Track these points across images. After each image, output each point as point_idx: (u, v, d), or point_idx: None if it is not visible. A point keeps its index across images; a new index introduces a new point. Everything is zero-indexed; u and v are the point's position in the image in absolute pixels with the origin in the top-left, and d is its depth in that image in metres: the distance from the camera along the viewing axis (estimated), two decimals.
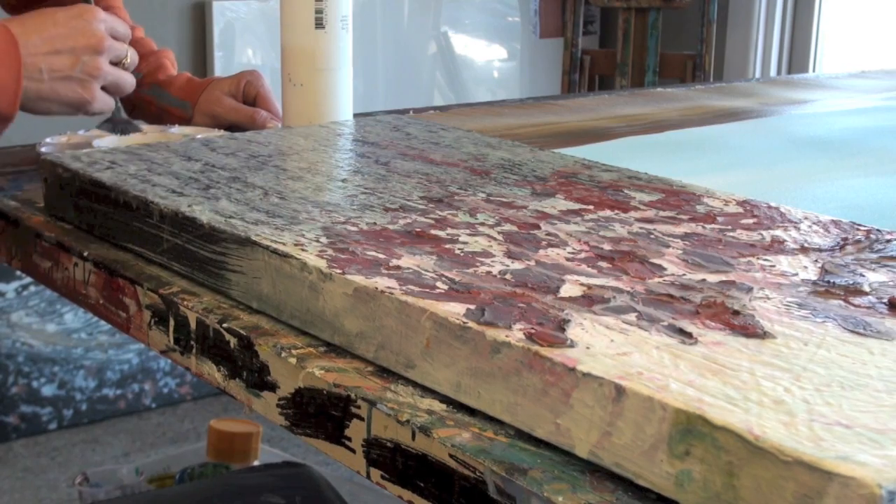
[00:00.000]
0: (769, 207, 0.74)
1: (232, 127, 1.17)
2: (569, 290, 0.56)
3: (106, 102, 1.03)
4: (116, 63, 1.02)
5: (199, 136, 1.00)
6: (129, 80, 1.04)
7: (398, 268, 0.59)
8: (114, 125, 1.09)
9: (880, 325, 0.52)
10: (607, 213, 0.71)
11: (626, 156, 1.01)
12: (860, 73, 1.77)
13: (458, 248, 0.62)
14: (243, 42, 2.77)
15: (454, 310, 0.52)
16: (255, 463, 1.76)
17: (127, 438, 2.43)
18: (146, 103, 1.24)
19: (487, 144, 0.92)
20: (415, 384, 0.54)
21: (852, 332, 0.51)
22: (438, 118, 1.26)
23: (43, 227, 0.81)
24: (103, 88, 1.01)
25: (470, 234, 0.65)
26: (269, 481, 1.24)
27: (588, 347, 0.48)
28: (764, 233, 0.68)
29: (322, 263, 0.59)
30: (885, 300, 0.56)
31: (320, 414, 0.55)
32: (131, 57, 1.04)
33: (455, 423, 0.50)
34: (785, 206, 0.75)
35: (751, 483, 0.40)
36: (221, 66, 2.69)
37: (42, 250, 0.80)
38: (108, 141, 1.06)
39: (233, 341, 0.61)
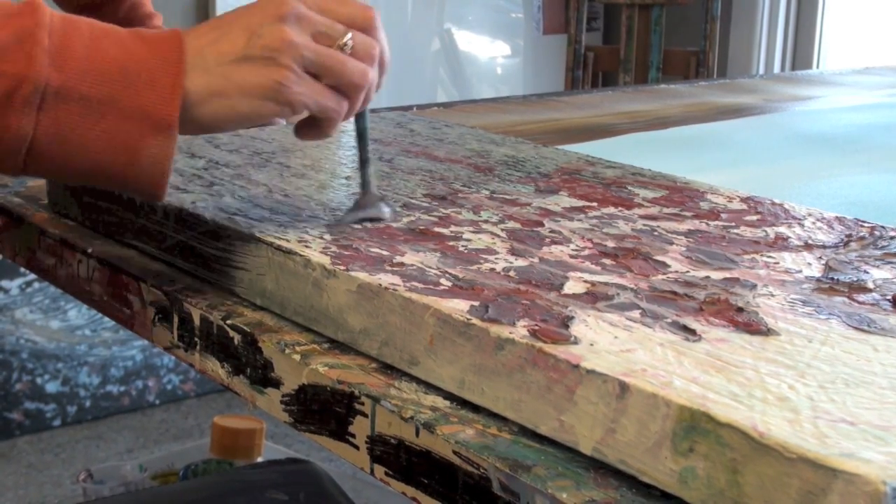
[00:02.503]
0: (773, 204, 0.74)
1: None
2: (572, 286, 0.56)
3: (319, 94, 0.66)
4: (328, 45, 0.67)
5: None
6: (350, 69, 0.67)
7: (402, 265, 0.59)
8: (361, 208, 0.70)
9: (884, 322, 0.52)
10: (611, 210, 0.71)
11: (629, 152, 1.01)
12: (864, 69, 1.77)
13: (462, 245, 0.62)
14: None
15: (458, 307, 0.52)
16: (259, 459, 1.76)
17: (131, 435, 2.43)
18: None
19: (491, 141, 0.92)
20: (418, 381, 0.54)
21: (856, 328, 0.51)
22: (442, 115, 1.26)
23: (47, 224, 0.81)
24: (315, 77, 0.66)
25: (473, 231, 0.65)
26: (273, 478, 1.24)
27: (592, 344, 0.48)
28: (768, 229, 0.68)
29: (326, 260, 0.59)
30: (888, 297, 0.56)
31: (324, 410, 0.55)
32: (361, 42, 0.68)
33: (459, 420, 0.50)
34: (789, 203, 0.74)
35: (755, 480, 0.40)
36: None
37: (46, 247, 0.80)
38: None
39: (236, 338, 0.61)
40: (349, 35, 0.68)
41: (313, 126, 0.68)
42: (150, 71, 0.63)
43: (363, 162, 0.71)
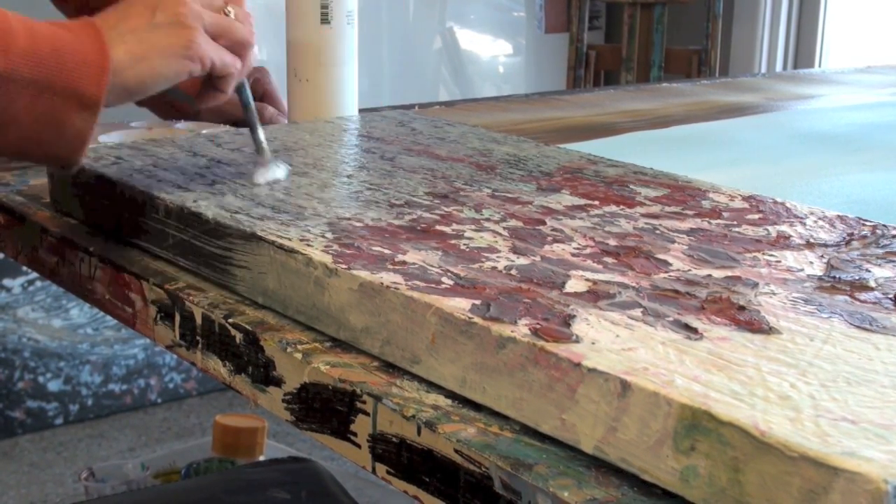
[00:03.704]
0: (775, 203, 0.74)
1: (238, 122, 1.17)
2: (574, 285, 0.56)
3: (219, 53, 0.76)
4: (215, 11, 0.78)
5: (204, 132, 1.00)
6: (238, 29, 0.78)
7: (404, 263, 0.59)
8: (263, 168, 0.78)
9: (886, 321, 0.52)
10: (613, 208, 0.71)
11: (631, 151, 1.01)
12: (866, 68, 1.77)
13: (464, 244, 0.62)
14: None
15: (459, 305, 0.52)
16: (261, 458, 1.76)
17: (133, 433, 2.44)
18: (152, 97, 1.23)
19: (493, 140, 0.92)
20: (420, 379, 0.54)
21: (858, 327, 0.51)
22: (444, 113, 1.26)
23: (49, 223, 0.81)
24: (210, 36, 0.76)
25: (475, 230, 0.65)
26: (275, 476, 1.24)
27: (593, 343, 0.48)
28: (769, 228, 0.68)
29: (327, 259, 0.59)
30: (890, 296, 0.56)
31: (326, 409, 0.55)
32: (239, 11, 0.79)
33: (460, 419, 0.50)
34: (791, 202, 0.74)
35: (756, 478, 0.40)
36: None
37: (48, 246, 0.80)
38: (115, 136, 1.06)
39: (238, 336, 0.61)
40: (230, 6, 0.79)
41: (210, 88, 0.79)
42: (79, 52, 0.70)
43: (252, 128, 0.81)
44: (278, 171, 0.77)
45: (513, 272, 0.58)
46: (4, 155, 0.75)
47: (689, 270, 0.59)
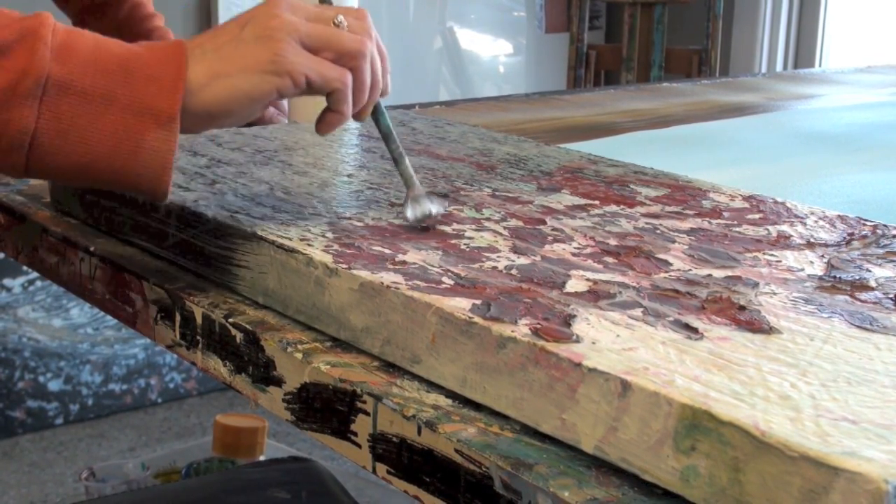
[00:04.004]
0: (775, 203, 0.74)
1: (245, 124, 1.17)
2: (574, 285, 0.56)
3: (318, 63, 0.67)
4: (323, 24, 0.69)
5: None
6: (347, 39, 0.68)
7: (404, 263, 0.59)
8: (413, 202, 0.68)
9: (886, 321, 0.52)
10: (613, 208, 0.71)
11: (631, 151, 1.01)
12: (866, 68, 1.77)
13: (464, 244, 0.62)
14: None
15: (460, 305, 0.52)
16: (261, 458, 1.76)
17: (133, 433, 2.44)
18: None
19: (493, 139, 0.92)
20: (420, 379, 0.54)
21: (858, 327, 0.51)
22: (444, 113, 1.26)
23: (49, 222, 0.81)
24: (310, 50, 0.67)
25: (476, 230, 0.65)
26: (275, 476, 1.24)
27: (594, 342, 0.48)
28: (770, 228, 0.68)
29: (328, 258, 0.59)
30: (891, 295, 0.56)
31: (326, 409, 0.55)
32: (354, 21, 0.69)
33: (461, 419, 0.50)
34: (791, 202, 0.74)
35: (757, 478, 0.40)
36: None
37: (48, 245, 0.80)
38: None
39: (239, 336, 0.61)
40: (341, 16, 0.69)
41: (326, 111, 0.69)
42: (150, 66, 0.64)
43: (397, 161, 0.71)
44: (432, 206, 0.67)
45: (513, 272, 0.58)
46: (86, 184, 0.69)
47: (690, 270, 0.59)
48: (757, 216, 0.71)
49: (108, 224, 0.77)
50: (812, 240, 0.66)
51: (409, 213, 0.67)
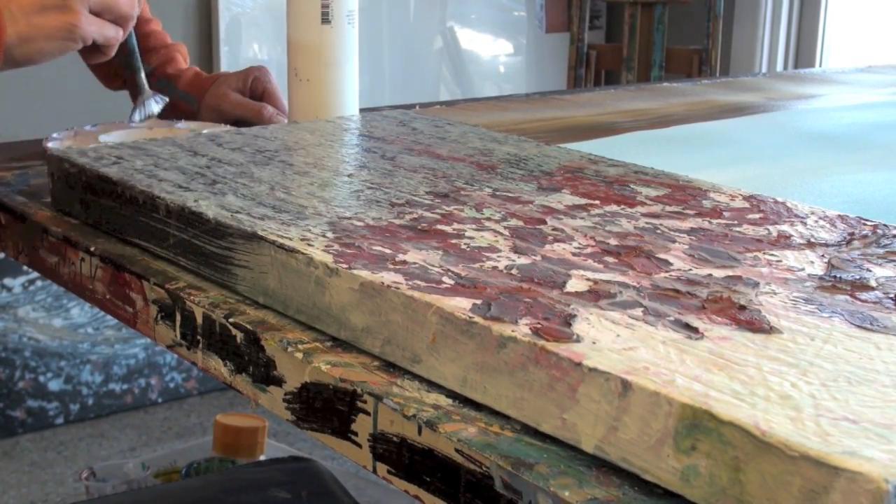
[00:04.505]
0: (776, 202, 0.74)
1: (238, 122, 1.17)
2: (575, 284, 0.56)
3: (102, 28, 0.92)
4: None
5: (205, 132, 1.00)
6: (122, 4, 0.93)
7: (404, 263, 0.59)
8: (141, 105, 0.97)
9: (887, 320, 0.52)
10: (613, 208, 0.71)
11: (632, 151, 1.01)
12: (867, 67, 1.77)
13: (465, 243, 0.62)
14: (249, 37, 2.77)
15: (460, 305, 0.52)
16: (262, 457, 1.76)
17: (133, 433, 2.44)
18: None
19: (493, 139, 0.92)
20: (421, 379, 0.54)
21: (859, 327, 0.51)
22: (444, 113, 1.26)
23: (49, 223, 0.81)
24: (95, 14, 0.92)
25: (476, 229, 0.65)
26: (276, 476, 1.24)
27: (594, 342, 0.48)
28: (770, 228, 0.68)
29: (328, 258, 0.59)
30: (891, 295, 0.56)
31: (326, 408, 0.55)
32: None
33: (461, 418, 0.50)
34: (791, 201, 0.74)
35: (757, 478, 0.40)
36: (227, 61, 2.69)
37: (49, 245, 0.80)
38: (115, 136, 1.06)
39: (239, 336, 0.61)
40: None
41: (95, 51, 0.94)
42: None
43: (135, 70, 0.98)
44: (154, 107, 0.92)
45: (513, 272, 0.58)
46: None
47: (690, 270, 0.59)
48: (757, 216, 0.71)
49: (108, 224, 0.77)
50: (812, 239, 0.66)
51: (137, 115, 0.93)
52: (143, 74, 0.98)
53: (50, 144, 1.02)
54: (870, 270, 0.60)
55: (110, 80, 1.20)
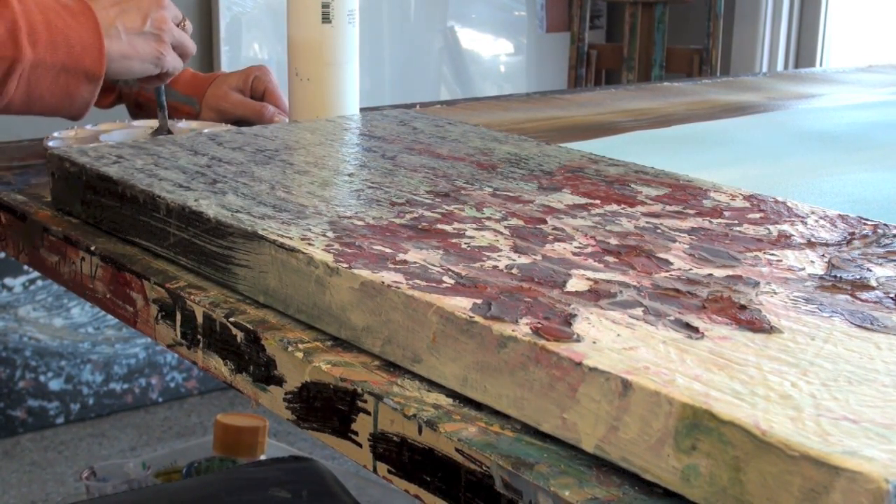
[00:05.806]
0: (776, 202, 0.74)
1: (239, 122, 1.17)
2: (575, 284, 0.56)
3: (175, 61, 1.05)
4: (177, 24, 1.06)
5: (205, 131, 1.00)
6: (190, 43, 1.07)
7: (405, 262, 0.59)
8: (160, 133, 1.08)
9: (887, 320, 0.52)
10: (614, 207, 0.71)
11: (632, 150, 1.01)
12: (867, 67, 1.77)
13: (465, 243, 0.62)
14: (250, 36, 2.77)
15: (461, 304, 0.52)
16: (262, 457, 1.76)
17: (134, 433, 2.44)
18: (152, 102, 1.24)
19: (494, 139, 0.92)
20: (421, 378, 0.54)
21: (859, 326, 0.51)
22: (445, 112, 1.26)
23: (50, 222, 0.81)
24: (172, 46, 1.05)
25: (476, 229, 0.65)
26: (276, 475, 1.24)
27: (594, 342, 0.48)
28: (771, 227, 0.68)
29: (329, 258, 0.59)
30: (892, 295, 0.56)
31: (327, 408, 0.55)
32: (188, 24, 1.08)
33: (461, 418, 0.50)
34: (792, 201, 0.74)
35: (757, 478, 0.40)
36: (228, 61, 2.69)
37: (49, 245, 0.80)
38: (116, 135, 1.06)
39: (239, 335, 0.61)
40: (187, 20, 1.08)
41: (155, 78, 1.06)
42: (83, 39, 0.97)
43: (161, 106, 1.09)
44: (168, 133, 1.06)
45: (514, 271, 0.58)
46: (23, 115, 1.00)
47: (691, 269, 0.59)
48: (758, 215, 0.71)
49: (108, 223, 0.77)
50: (813, 239, 0.66)
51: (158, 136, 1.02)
52: (166, 113, 1.10)
53: (51, 143, 1.02)
54: (870, 270, 0.60)
55: (99, 100, 1.23)
